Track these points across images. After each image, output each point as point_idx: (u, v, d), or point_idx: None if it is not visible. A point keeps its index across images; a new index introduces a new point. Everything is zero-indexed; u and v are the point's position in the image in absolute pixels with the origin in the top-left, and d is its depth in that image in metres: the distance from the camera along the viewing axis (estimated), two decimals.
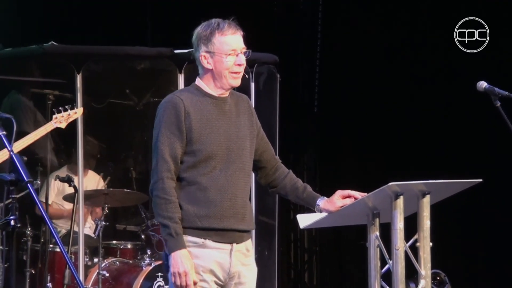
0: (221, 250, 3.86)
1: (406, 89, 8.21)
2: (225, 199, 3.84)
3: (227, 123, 3.89)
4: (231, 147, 3.87)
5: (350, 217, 4.23)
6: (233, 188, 3.85)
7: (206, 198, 3.82)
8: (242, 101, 4.01)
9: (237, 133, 3.90)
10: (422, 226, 4.08)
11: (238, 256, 3.90)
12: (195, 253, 3.82)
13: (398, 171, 6.33)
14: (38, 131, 5.73)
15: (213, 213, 3.82)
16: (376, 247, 4.07)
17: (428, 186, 4.05)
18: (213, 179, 3.83)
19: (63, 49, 6.79)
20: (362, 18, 8.60)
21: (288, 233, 9.21)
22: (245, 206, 3.91)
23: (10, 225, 3.44)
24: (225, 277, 3.88)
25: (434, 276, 7.12)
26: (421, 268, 4.09)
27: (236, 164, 3.87)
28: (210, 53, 3.85)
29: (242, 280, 3.93)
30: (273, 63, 7.42)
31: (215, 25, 3.87)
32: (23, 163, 3.44)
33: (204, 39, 3.86)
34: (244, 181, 3.91)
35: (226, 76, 3.86)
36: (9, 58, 7.19)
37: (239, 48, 3.87)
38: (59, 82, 7.17)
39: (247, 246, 3.96)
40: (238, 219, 3.87)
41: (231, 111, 3.92)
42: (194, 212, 3.82)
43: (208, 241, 3.83)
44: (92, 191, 7.09)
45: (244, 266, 3.93)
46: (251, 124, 3.98)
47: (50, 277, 6.70)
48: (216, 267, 3.85)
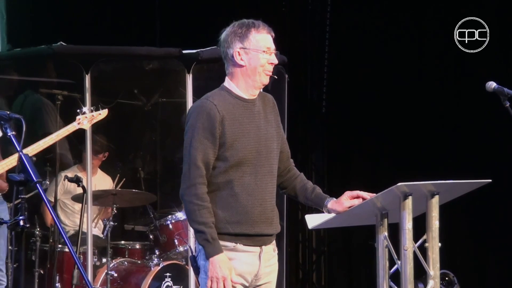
0: (251, 253, 3.87)
1: (415, 89, 8.20)
2: (255, 205, 3.84)
3: (257, 125, 3.88)
4: (260, 150, 3.87)
5: (358, 218, 4.22)
6: (263, 193, 3.86)
7: (237, 204, 3.81)
8: (268, 100, 4.01)
9: (266, 135, 3.90)
10: (431, 227, 4.08)
11: (266, 257, 3.91)
12: (227, 256, 3.82)
13: (407, 171, 6.33)
14: (61, 131, 5.69)
15: (244, 219, 3.82)
16: (384, 248, 4.06)
17: (437, 187, 4.05)
18: (244, 184, 3.82)
19: (72, 49, 6.79)
20: (370, 18, 8.59)
21: (297, 233, 9.21)
22: (274, 209, 3.93)
23: (19, 225, 3.44)
24: (253, 279, 3.89)
25: (442, 276, 7.12)
26: (430, 269, 4.08)
27: (265, 168, 3.87)
28: (245, 50, 3.84)
29: (266, 280, 3.94)
30: (281, 64, 7.41)
31: (250, 23, 3.87)
32: (32, 164, 3.45)
33: (239, 35, 3.85)
34: (272, 184, 3.92)
35: (259, 72, 3.86)
36: (18, 58, 7.21)
37: (272, 47, 3.89)
38: (68, 82, 7.18)
39: (274, 246, 3.98)
40: (268, 224, 3.89)
41: (260, 112, 3.92)
42: (225, 218, 3.82)
43: (239, 245, 3.84)
44: (100, 191, 7.10)
45: (269, 267, 3.95)
46: (277, 124, 3.99)
47: (58, 277, 6.71)
48: (246, 269, 3.86)
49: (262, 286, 3.94)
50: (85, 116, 5.78)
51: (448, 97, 8.10)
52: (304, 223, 4.54)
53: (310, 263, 9.32)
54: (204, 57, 6.57)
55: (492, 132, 7.52)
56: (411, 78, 8.26)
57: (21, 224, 3.43)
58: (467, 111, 7.87)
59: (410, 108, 8.19)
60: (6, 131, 3.53)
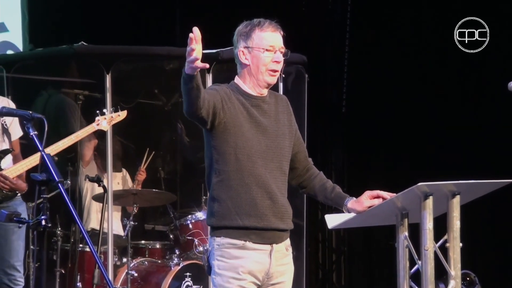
0: (261, 251, 3.84)
1: (437, 88, 8.18)
2: (265, 197, 3.81)
3: (267, 121, 3.87)
4: (270, 145, 3.85)
5: (378, 218, 4.22)
6: (273, 187, 3.83)
7: (247, 195, 3.79)
8: (281, 100, 4.00)
9: (276, 132, 3.89)
10: (452, 227, 4.06)
11: (278, 256, 3.88)
12: (235, 254, 3.81)
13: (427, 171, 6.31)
14: (80, 132, 5.70)
15: (254, 211, 3.79)
16: (405, 248, 4.05)
17: (458, 187, 4.03)
18: (255, 175, 3.79)
19: (93, 49, 6.83)
20: (390, 18, 8.57)
21: (316, 233, 9.20)
22: (284, 205, 3.89)
23: (41, 225, 3.46)
24: (264, 277, 3.86)
25: (464, 276, 7.08)
26: (451, 269, 4.07)
27: (274, 163, 3.85)
28: (248, 48, 3.84)
29: (280, 280, 3.91)
30: (301, 63, 7.42)
31: (255, 22, 3.88)
32: (54, 163, 3.46)
33: (244, 35, 3.86)
34: (282, 180, 3.89)
35: (262, 72, 3.84)
36: (40, 58, 7.25)
37: (277, 45, 3.86)
38: (89, 82, 7.21)
39: (287, 245, 3.94)
40: (278, 218, 3.85)
41: (271, 110, 3.91)
42: (234, 209, 3.79)
43: (248, 242, 3.81)
44: (121, 191, 7.13)
45: (283, 266, 3.92)
46: (290, 124, 3.97)
47: (79, 277, 6.74)
48: (256, 268, 3.83)
49: (276, 286, 3.91)
50: (104, 117, 5.80)
51: (470, 97, 8.07)
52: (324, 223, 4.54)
53: (330, 263, 9.31)
54: (224, 56, 6.58)
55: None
56: (431, 77, 8.23)
57: (43, 224, 3.45)
58: (489, 110, 7.83)
59: (431, 107, 8.16)
60: (28, 130, 3.55)
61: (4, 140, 5.65)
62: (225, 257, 3.82)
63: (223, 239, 3.81)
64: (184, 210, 7.58)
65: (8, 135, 5.65)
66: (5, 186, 5.48)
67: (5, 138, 5.65)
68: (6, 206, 5.55)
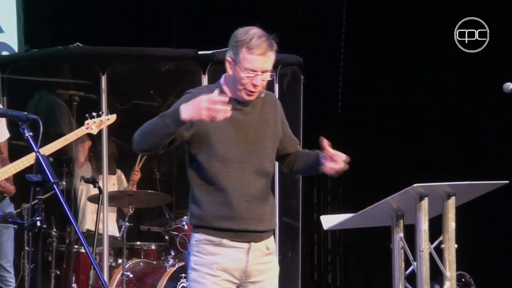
0: (238, 249, 3.85)
1: (432, 90, 8.18)
2: (242, 200, 3.82)
3: (247, 124, 3.87)
4: (249, 148, 3.85)
5: (374, 219, 4.22)
6: (251, 189, 3.84)
7: (224, 199, 3.81)
8: (269, 100, 3.98)
9: (257, 134, 3.88)
10: (447, 228, 4.07)
11: (257, 255, 3.88)
12: (211, 250, 3.83)
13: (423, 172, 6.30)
14: (69, 136, 5.68)
15: (230, 214, 3.81)
16: (400, 249, 4.06)
17: (454, 188, 4.04)
18: (231, 180, 3.81)
19: (88, 50, 6.82)
20: (386, 18, 8.57)
21: (312, 234, 9.20)
22: (264, 206, 3.88)
23: (36, 226, 3.45)
24: (241, 275, 3.87)
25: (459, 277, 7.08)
26: (446, 270, 4.07)
27: (254, 165, 3.85)
28: (234, 61, 3.82)
29: (260, 279, 3.91)
30: (297, 64, 7.42)
31: (248, 37, 3.79)
32: (49, 164, 3.45)
33: (234, 45, 3.82)
34: (263, 182, 3.89)
35: (240, 89, 3.82)
36: (35, 59, 7.24)
37: (260, 69, 3.79)
38: (84, 83, 7.20)
39: (268, 244, 3.94)
40: (256, 220, 3.85)
41: (254, 111, 3.90)
42: (212, 212, 3.82)
43: (225, 240, 3.83)
44: (116, 192, 7.12)
45: (262, 265, 3.91)
46: (275, 124, 3.96)
47: (75, 278, 6.73)
48: (232, 265, 3.84)
49: (256, 284, 3.90)
50: (94, 120, 5.79)
51: (468, 97, 8.08)
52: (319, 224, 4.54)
53: (326, 264, 9.31)
54: (219, 58, 6.57)
55: (509, 132, 7.49)
56: (428, 79, 8.23)
57: (38, 225, 3.45)
58: (486, 111, 7.84)
59: (428, 108, 8.16)
60: (23, 131, 3.54)
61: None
62: (201, 252, 3.85)
63: (201, 235, 3.85)
64: (179, 211, 7.57)
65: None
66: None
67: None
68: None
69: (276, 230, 7.17)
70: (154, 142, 3.75)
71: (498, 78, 4.52)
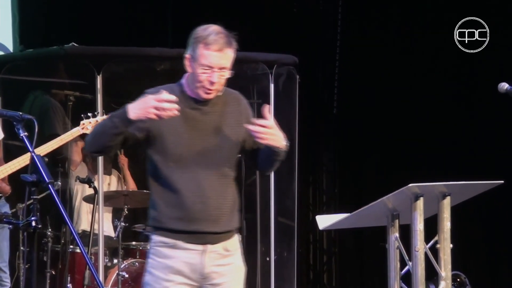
0: (193, 251, 3.79)
1: (427, 90, 8.19)
2: (196, 202, 3.75)
3: (203, 124, 3.80)
4: (207, 148, 3.78)
5: (369, 219, 4.22)
6: (206, 191, 3.77)
7: (178, 200, 3.75)
8: (232, 99, 3.90)
9: (215, 134, 3.80)
10: (443, 228, 4.07)
11: (213, 256, 3.81)
12: (165, 253, 3.78)
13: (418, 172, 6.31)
14: (65, 136, 5.68)
15: (184, 215, 3.75)
16: (395, 249, 4.06)
17: (449, 188, 4.04)
18: (185, 181, 3.75)
19: (84, 50, 6.82)
20: (381, 19, 8.58)
21: (307, 234, 9.20)
22: (220, 208, 3.80)
23: (32, 226, 3.45)
24: (198, 278, 3.80)
25: (454, 277, 7.10)
26: (442, 270, 4.08)
27: (211, 166, 3.78)
28: (192, 58, 3.79)
29: (220, 281, 3.83)
30: (292, 64, 7.42)
31: (205, 34, 3.75)
32: (44, 164, 3.45)
33: (192, 43, 3.79)
34: (220, 182, 3.81)
35: (197, 87, 3.78)
36: (30, 59, 7.23)
37: (217, 66, 3.74)
38: (80, 83, 7.19)
39: (226, 246, 3.85)
40: (210, 222, 3.78)
41: (213, 112, 3.82)
42: (166, 213, 3.78)
43: (179, 242, 3.78)
44: (112, 192, 7.12)
45: (221, 267, 3.83)
46: (238, 124, 3.85)
47: (70, 278, 6.72)
48: (186, 268, 3.78)
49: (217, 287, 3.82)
50: (89, 121, 5.78)
51: (461, 98, 8.09)
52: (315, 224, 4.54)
53: (321, 264, 9.32)
54: None
55: (505, 133, 7.50)
56: (423, 78, 8.24)
57: (33, 225, 3.44)
58: (480, 112, 7.85)
59: (422, 108, 8.17)
60: (18, 132, 3.54)
61: None
62: (156, 255, 3.81)
63: (157, 237, 3.81)
64: None
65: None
66: None
67: None
68: None
69: (272, 230, 7.18)
70: (104, 142, 3.74)
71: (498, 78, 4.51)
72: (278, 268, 7.25)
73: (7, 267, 5.72)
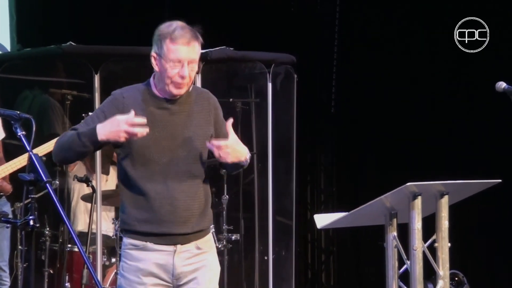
0: (163, 252, 3.77)
1: (425, 89, 8.19)
2: (164, 204, 3.73)
3: (172, 125, 3.76)
4: (174, 150, 3.75)
5: (367, 218, 4.22)
6: (174, 192, 3.74)
7: (146, 202, 3.74)
8: (201, 98, 3.87)
9: (184, 134, 3.77)
10: (441, 227, 4.07)
11: (184, 256, 3.80)
12: (136, 256, 3.77)
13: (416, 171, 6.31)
14: None
15: (152, 218, 3.74)
16: (393, 248, 4.07)
17: (447, 187, 4.04)
18: (153, 183, 3.73)
19: (81, 49, 6.81)
20: (379, 18, 8.58)
21: (305, 233, 9.20)
22: (189, 209, 3.77)
23: (29, 225, 3.45)
24: (171, 278, 3.79)
25: (452, 276, 7.10)
26: (439, 269, 4.08)
27: (179, 167, 3.75)
28: (158, 56, 3.76)
29: (190, 278, 3.81)
30: (290, 63, 7.42)
31: (170, 29, 3.75)
32: (42, 163, 3.45)
33: (157, 40, 3.78)
34: (189, 183, 3.77)
35: (168, 83, 3.74)
36: (28, 58, 7.22)
37: (186, 59, 3.72)
38: (77, 82, 7.19)
39: (198, 244, 3.83)
40: (179, 223, 3.76)
41: (181, 111, 3.79)
42: (134, 216, 3.77)
43: (149, 243, 3.77)
44: (110, 191, 7.11)
45: (193, 265, 3.81)
46: (207, 123, 3.83)
47: (68, 277, 6.72)
48: (158, 269, 3.77)
49: (189, 284, 3.80)
50: None
51: (458, 97, 8.08)
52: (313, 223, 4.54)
53: (319, 263, 9.32)
54: (212, 57, 6.56)
55: (502, 132, 7.50)
56: (421, 78, 8.24)
57: (31, 224, 3.44)
58: (477, 111, 7.85)
59: (420, 108, 8.17)
60: (16, 130, 3.54)
61: None
62: (127, 258, 3.80)
63: (127, 240, 3.81)
64: None
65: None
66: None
67: None
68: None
69: (270, 229, 7.18)
70: (72, 157, 3.81)
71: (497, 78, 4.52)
72: (276, 267, 7.25)
73: (7, 266, 5.72)
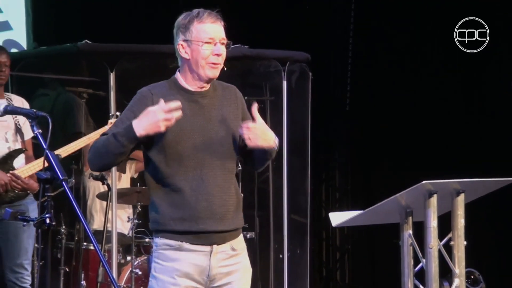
0: (199, 253, 3.67)
1: (441, 87, 8.17)
2: (200, 200, 3.63)
3: (203, 118, 3.69)
4: (207, 144, 3.67)
5: (383, 216, 4.22)
6: (209, 188, 3.65)
7: (181, 199, 3.64)
8: (228, 92, 3.81)
9: (215, 128, 3.70)
10: (456, 225, 4.06)
11: (220, 257, 3.70)
12: (171, 256, 3.67)
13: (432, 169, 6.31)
14: (93, 134, 5.66)
15: (188, 215, 3.64)
16: (409, 246, 4.06)
17: (463, 185, 4.03)
18: (187, 179, 3.64)
19: (97, 48, 6.82)
20: (394, 16, 8.56)
21: (320, 231, 9.20)
22: (225, 205, 3.69)
23: (46, 223, 3.46)
24: (205, 279, 3.69)
25: (468, 275, 7.08)
26: (455, 267, 4.07)
27: (213, 162, 3.67)
28: (187, 42, 3.71)
29: (226, 281, 3.72)
30: (305, 61, 7.42)
31: (194, 13, 3.74)
32: (58, 161, 3.46)
33: (182, 27, 3.74)
34: (224, 178, 3.69)
35: (203, 65, 3.68)
36: (44, 56, 7.25)
37: (217, 37, 3.71)
38: (93, 80, 7.21)
39: (233, 245, 3.75)
40: (216, 220, 3.66)
41: (211, 105, 3.73)
42: (169, 214, 3.65)
43: (185, 243, 3.66)
44: (125, 189, 7.13)
45: (227, 267, 3.73)
46: (236, 117, 3.76)
47: (84, 275, 6.74)
48: (194, 270, 3.67)
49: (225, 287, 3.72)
50: None
51: (472, 96, 8.07)
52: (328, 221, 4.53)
53: (334, 261, 9.32)
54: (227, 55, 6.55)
55: None
56: (435, 76, 8.23)
57: (47, 222, 3.45)
58: (490, 109, 7.83)
59: (436, 105, 8.16)
60: (32, 128, 3.55)
61: (17, 140, 5.67)
62: (161, 259, 3.69)
63: (161, 240, 3.69)
64: None
65: (21, 134, 5.67)
66: (17, 186, 5.50)
67: (18, 138, 5.67)
68: (18, 205, 5.58)
69: (285, 227, 7.18)
70: (110, 161, 3.65)
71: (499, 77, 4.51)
72: (291, 265, 7.25)
73: (29, 265, 5.72)
